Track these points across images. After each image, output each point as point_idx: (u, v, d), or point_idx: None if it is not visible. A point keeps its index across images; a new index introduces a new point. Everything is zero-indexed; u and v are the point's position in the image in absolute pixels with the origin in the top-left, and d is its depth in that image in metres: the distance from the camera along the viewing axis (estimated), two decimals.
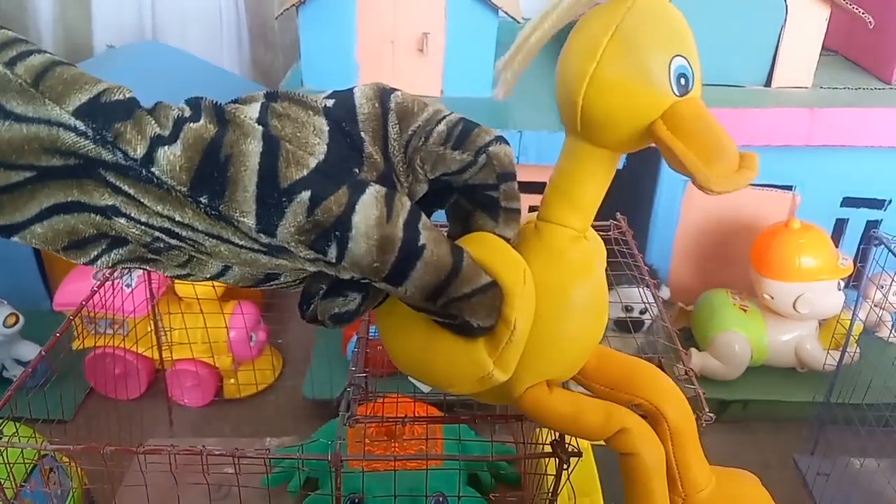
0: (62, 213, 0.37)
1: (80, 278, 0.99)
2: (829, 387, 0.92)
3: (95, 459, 0.57)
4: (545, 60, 0.47)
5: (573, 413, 0.47)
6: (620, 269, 0.72)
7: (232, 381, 1.04)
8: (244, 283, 0.44)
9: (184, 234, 0.38)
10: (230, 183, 0.36)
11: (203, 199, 0.36)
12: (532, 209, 1.32)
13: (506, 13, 1.12)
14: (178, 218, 0.38)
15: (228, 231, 0.38)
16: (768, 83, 1.14)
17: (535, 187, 1.12)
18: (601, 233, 0.77)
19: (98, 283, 0.77)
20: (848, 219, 1.12)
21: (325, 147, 0.40)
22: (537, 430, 0.72)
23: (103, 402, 1.02)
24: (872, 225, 1.08)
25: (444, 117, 0.44)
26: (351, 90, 0.45)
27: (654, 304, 0.67)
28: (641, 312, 0.96)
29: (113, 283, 0.81)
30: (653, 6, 0.41)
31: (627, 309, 0.96)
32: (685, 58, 0.41)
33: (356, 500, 0.72)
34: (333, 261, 0.39)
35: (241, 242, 0.39)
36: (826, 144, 1.04)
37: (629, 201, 1.20)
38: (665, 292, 1.09)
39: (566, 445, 0.53)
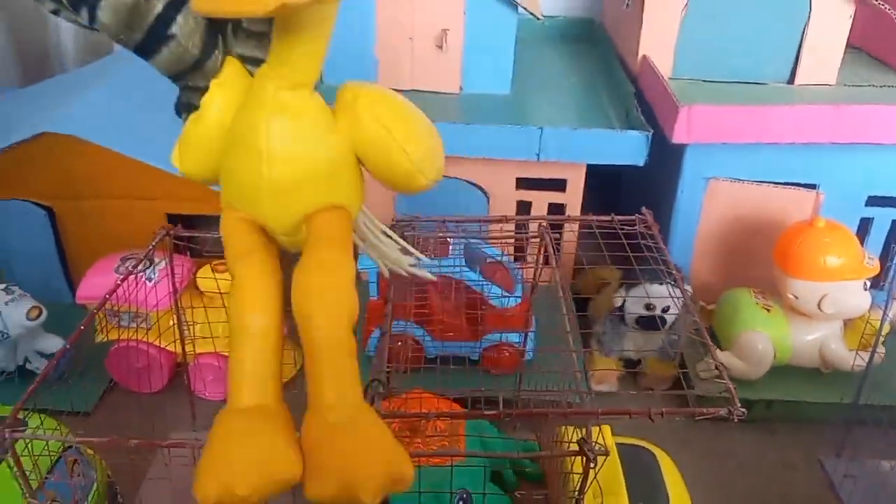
0: None
1: (102, 272, 1.00)
2: (857, 388, 0.91)
3: (118, 452, 0.57)
4: (565, 59, 0.46)
5: (226, 237, 0.50)
6: (646, 263, 0.72)
7: None
8: None
9: None
10: None
11: None
12: (553, 208, 1.29)
13: (525, 9, 1.11)
14: None
15: None
16: (791, 80, 1.14)
17: (556, 185, 1.13)
18: (627, 227, 0.77)
19: (121, 276, 0.77)
20: (873, 218, 1.11)
21: None
22: (562, 428, 0.71)
23: (125, 395, 1.03)
24: None
25: None
26: None
27: (682, 298, 0.66)
28: (664, 310, 0.95)
29: (136, 277, 0.81)
30: None
31: (649, 307, 0.95)
32: None
33: None
34: (86, 24, 0.43)
35: None
36: (850, 142, 1.03)
37: (650, 199, 1.19)
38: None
39: (593, 444, 0.53)
